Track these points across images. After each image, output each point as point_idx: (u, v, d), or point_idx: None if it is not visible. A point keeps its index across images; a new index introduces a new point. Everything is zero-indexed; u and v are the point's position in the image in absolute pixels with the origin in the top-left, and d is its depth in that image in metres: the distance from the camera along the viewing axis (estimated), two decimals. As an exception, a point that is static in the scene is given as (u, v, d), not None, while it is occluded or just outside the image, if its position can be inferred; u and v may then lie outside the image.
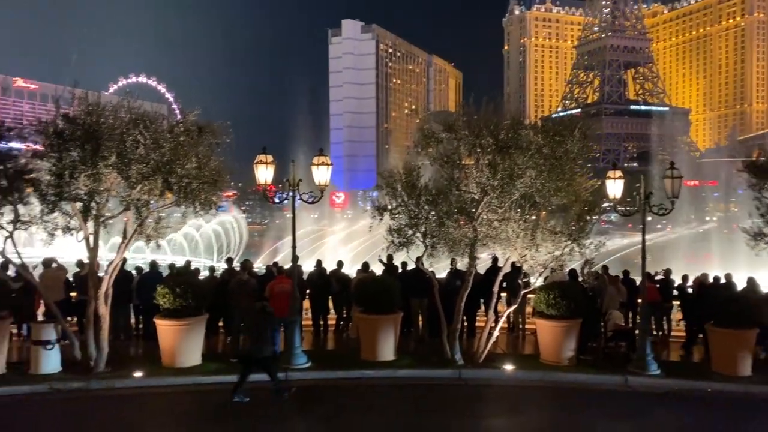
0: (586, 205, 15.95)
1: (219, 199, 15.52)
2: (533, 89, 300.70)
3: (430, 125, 16.56)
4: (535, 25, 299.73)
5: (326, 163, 16.29)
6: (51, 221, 14.46)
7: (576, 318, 16.54)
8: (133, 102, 14.57)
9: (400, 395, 14.62)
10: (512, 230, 15.24)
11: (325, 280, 19.75)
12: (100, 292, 14.99)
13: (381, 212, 16.58)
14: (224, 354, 16.97)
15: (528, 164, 14.74)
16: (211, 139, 14.90)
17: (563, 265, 16.40)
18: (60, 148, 13.84)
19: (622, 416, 13.46)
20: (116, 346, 16.99)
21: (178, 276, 17.69)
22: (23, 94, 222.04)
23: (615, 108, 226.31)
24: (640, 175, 16.67)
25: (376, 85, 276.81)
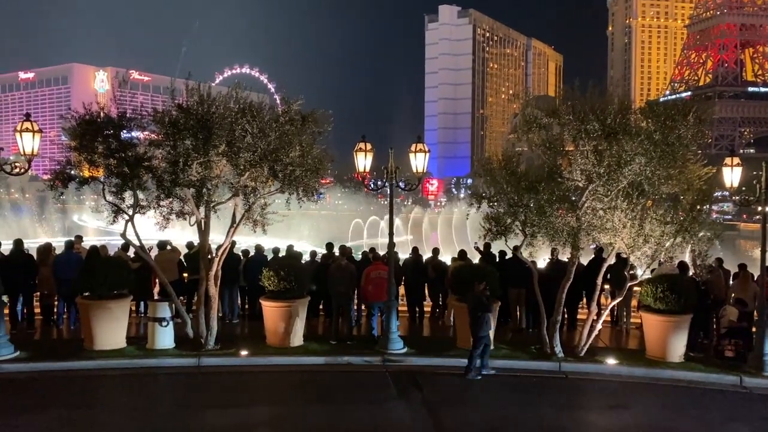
0: (699, 194, 15.07)
1: (320, 186, 15.91)
2: (639, 72, 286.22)
3: (531, 110, 16.14)
4: (642, 4, 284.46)
5: (424, 151, 16.31)
6: (167, 206, 15.37)
7: (686, 313, 15.71)
8: (241, 92, 15.14)
9: (498, 385, 14.48)
10: (618, 219, 14.66)
11: (421, 267, 19.83)
12: (211, 274, 15.80)
13: (479, 200, 16.42)
14: (324, 336, 17.47)
15: (637, 151, 14.07)
16: (314, 128, 15.26)
17: (673, 257, 15.61)
18: (175, 137, 14.60)
19: (734, 418, 12.68)
20: (225, 325, 17.93)
21: (282, 259, 18.34)
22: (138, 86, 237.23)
23: (731, 90, 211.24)
24: (760, 162, 15.47)
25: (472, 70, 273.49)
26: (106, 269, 15.98)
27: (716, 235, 15.39)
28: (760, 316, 15.56)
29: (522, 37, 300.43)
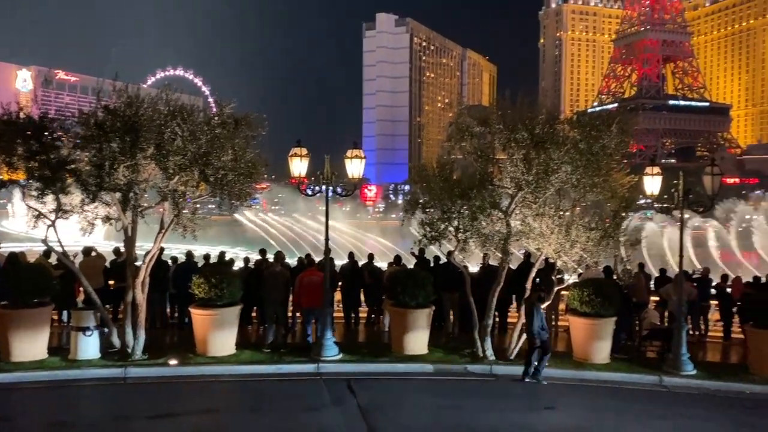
0: (623, 202, 15.71)
1: (253, 191, 15.69)
2: (569, 83, 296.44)
3: (464, 119, 16.47)
4: (572, 18, 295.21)
5: (360, 156, 16.34)
6: (91, 211, 14.82)
7: (610, 316, 16.32)
8: (171, 94, 14.78)
9: (431, 389, 14.62)
10: (546, 226, 15.10)
11: (357, 272, 19.85)
12: (138, 281, 15.31)
13: (413, 206, 16.60)
14: (257, 344, 17.20)
15: (564, 159, 14.57)
16: (247, 132, 15.06)
17: (598, 261, 16.20)
18: (100, 140, 14.12)
19: (654, 416, 13.23)
20: (153, 334, 17.38)
21: (213, 266, 17.97)
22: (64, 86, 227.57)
23: (653, 103, 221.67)
24: (679, 172, 16.32)
25: (409, 78, 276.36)
26: (25, 277, 15.23)
27: (638, 240, 16.08)
28: (677, 319, 16.32)
29: (458, 48, 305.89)
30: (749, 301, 17.27)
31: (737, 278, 19.86)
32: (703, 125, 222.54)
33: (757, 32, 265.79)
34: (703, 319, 19.85)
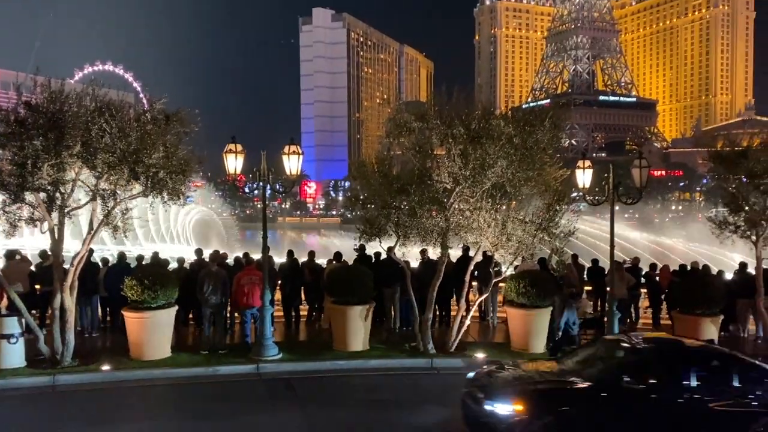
0: (556, 195, 16.10)
1: (187, 189, 15.24)
2: (504, 80, 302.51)
3: (402, 115, 16.50)
4: (506, 16, 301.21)
5: (297, 153, 16.12)
6: (13, 212, 14.07)
7: (546, 306, 16.73)
8: (99, 90, 14.19)
9: (372, 385, 14.62)
10: (483, 219, 15.32)
11: (297, 270, 19.64)
12: (66, 284, 14.66)
13: (354, 202, 16.55)
14: (194, 346, 16.79)
15: (499, 154, 14.79)
16: (179, 128, 14.60)
17: (533, 254, 16.57)
18: (22, 137, 13.43)
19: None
20: (83, 340, 16.72)
21: (147, 267, 17.42)
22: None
23: (584, 99, 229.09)
24: (609, 165, 16.88)
25: (347, 74, 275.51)
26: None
27: (571, 232, 16.51)
28: (609, 307, 16.89)
29: (395, 43, 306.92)
30: (676, 289, 18.06)
31: (665, 267, 20.71)
32: (632, 120, 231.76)
33: (679, 30, 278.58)
34: (634, 307, 20.62)
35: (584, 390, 10.17)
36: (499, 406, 10.00)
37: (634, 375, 10.05)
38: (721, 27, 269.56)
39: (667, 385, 10.01)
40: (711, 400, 9.93)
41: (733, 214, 17.55)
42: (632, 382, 9.93)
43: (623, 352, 11.17)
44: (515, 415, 9.85)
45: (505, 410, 9.91)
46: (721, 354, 10.93)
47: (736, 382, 10.16)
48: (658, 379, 10.06)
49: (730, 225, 17.44)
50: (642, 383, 9.93)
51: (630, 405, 9.89)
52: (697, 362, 10.45)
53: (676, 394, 9.94)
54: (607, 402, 9.97)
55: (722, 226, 17.49)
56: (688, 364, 10.35)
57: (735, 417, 9.96)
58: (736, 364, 10.55)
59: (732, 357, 10.83)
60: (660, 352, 11.01)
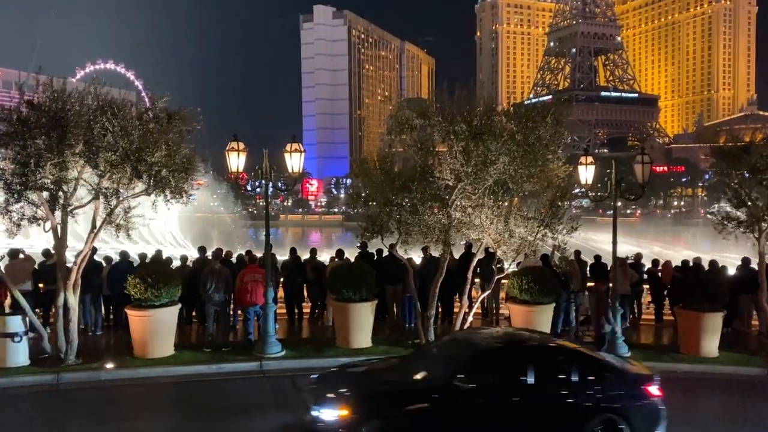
0: (558, 191, 16.09)
1: (190, 187, 15.25)
2: (505, 76, 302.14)
3: (403, 112, 16.49)
4: (507, 12, 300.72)
5: (299, 150, 16.13)
6: (17, 211, 14.10)
7: (549, 303, 16.72)
8: (101, 88, 14.21)
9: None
10: (486, 216, 15.31)
11: (300, 267, 19.66)
12: (69, 283, 14.70)
13: (356, 199, 16.56)
14: (197, 344, 16.82)
15: (501, 150, 14.77)
16: (181, 126, 14.61)
17: (536, 250, 16.56)
18: (24, 136, 13.46)
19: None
20: (87, 338, 16.76)
21: (149, 265, 17.44)
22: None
23: (586, 95, 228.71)
24: (611, 161, 16.86)
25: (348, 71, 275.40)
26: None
27: (574, 228, 16.50)
28: (612, 303, 16.86)
29: (396, 40, 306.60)
30: (678, 284, 18.05)
31: (667, 262, 20.68)
32: (634, 116, 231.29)
33: (681, 25, 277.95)
34: (636, 303, 20.60)
35: (415, 391, 9.88)
36: (325, 411, 9.66)
37: (468, 374, 9.68)
38: (723, 22, 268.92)
39: (501, 384, 9.81)
40: (548, 397, 9.79)
41: (736, 210, 17.51)
42: (465, 381, 9.58)
43: (463, 349, 10.74)
44: (340, 421, 9.52)
45: (331, 415, 9.58)
46: (563, 350, 10.77)
47: (576, 378, 9.99)
48: (491, 377, 9.79)
49: (732, 220, 17.40)
50: (474, 382, 9.60)
51: (461, 405, 9.58)
52: (534, 359, 10.16)
53: (510, 392, 9.77)
54: (437, 403, 9.64)
55: (725, 222, 17.45)
56: (525, 360, 10.07)
57: (573, 413, 9.85)
58: (577, 359, 10.38)
59: (574, 352, 10.69)
60: (495, 349, 10.63)
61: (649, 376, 10.54)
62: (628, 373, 10.62)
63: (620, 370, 10.61)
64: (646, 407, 10.16)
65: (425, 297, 16.68)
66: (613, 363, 10.82)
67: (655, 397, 10.25)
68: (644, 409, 10.13)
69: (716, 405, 13.67)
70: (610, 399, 9.95)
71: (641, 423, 9.97)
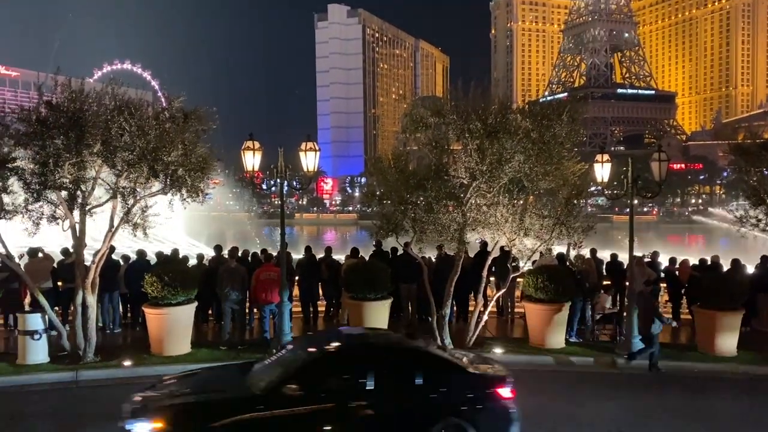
0: (574, 189, 16.00)
1: (206, 186, 15.38)
2: (520, 74, 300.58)
3: (418, 110, 16.48)
4: (522, 9, 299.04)
5: (314, 149, 16.19)
6: (36, 210, 14.29)
7: (564, 301, 16.64)
8: (118, 89, 14.37)
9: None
10: (501, 215, 15.27)
11: (315, 266, 19.72)
12: (87, 281, 14.88)
13: (370, 198, 16.57)
14: (213, 342, 16.94)
15: (516, 149, 14.72)
16: (197, 126, 14.73)
17: (551, 248, 16.48)
18: (43, 136, 13.64)
19: (608, 397, 13.57)
20: (105, 336, 16.95)
21: (166, 264, 17.59)
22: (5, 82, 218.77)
23: (601, 92, 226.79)
24: (628, 159, 16.72)
25: (363, 70, 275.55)
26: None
27: (590, 226, 16.40)
28: (629, 302, 16.76)
29: (410, 39, 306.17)
30: (696, 283, 17.86)
31: (684, 261, 20.47)
32: (650, 113, 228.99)
33: (699, 21, 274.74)
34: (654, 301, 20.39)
35: (239, 400, 9.19)
36: (138, 425, 8.98)
37: (299, 380, 9.10)
38: (741, 17, 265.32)
39: (337, 390, 9.23)
40: (388, 401, 9.25)
41: (755, 207, 17.28)
42: (295, 389, 9.00)
43: (297, 354, 10.07)
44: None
45: (144, 429, 8.92)
46: (407, 351, 10.16)
47: (420, 381, 9.48)
48: (326, 383, 9.21)
49: (751, 218, 17.18)
50: (305, 389, 9.02)
51: (289, 414, 8.93)
52: (374, 362, 9.57)
53: (347, 398, 9.17)
54: (263, 412, 8.93)
55: (743, 220, 17.23)
56: (363, 364, 9.52)
57: (415, 418, 9.35)
58: (421, 362, 9.85)
59: (419, 354, 10.09)
60: (330, 353, 9.94)
61: (501, 377, 10.01)
62: (478, 375, 10.01)
63: (469, 371, 10.00)
64: (494, 410, 9.65)
65: (440, 295, 16.67)
66: (461, 364, 10.17)
67: (505, 399, 9.73)
68: (493, 412, 9.63)
69: (734, 404, 13.51)
70: (456, 402, 9.49)
71: (488, 427, 9.52)
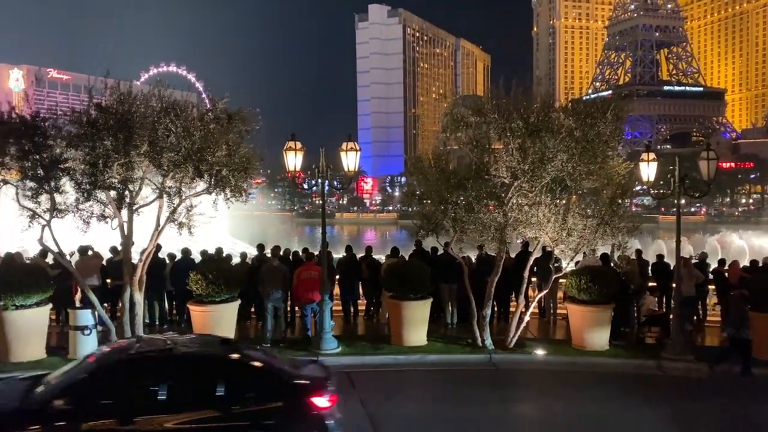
0: (619, 189, 15.69)
1: (249, 186, 15.62)
2: (563, 71, 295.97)
3: (459, 109, 16.41)
4: (565, 6, 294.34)
5: (355, 149, 16.29)
6: (86, 209, 14.74)
7: (608, 303, 16.33)
8: (164, 91, 14.72)
9: (431, 380, 14.64)
10: (543, 214, 15.08)
11: (355, 265, 19.82)
12: (135, 279, 15.26)
13: (410, 198, 16.59)
14: (256, 339, 17.18)
15: (559, 147, 14.53)
16: (241, 127, 14.98)
17: (595, 249, 16.20)
18: (93, 138, 14.06)
19: (654, 402, 13.27)
20: (151, 332, 17.35)
21: (210, 262, 17.92)
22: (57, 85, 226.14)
23: (647, 89, 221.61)
24: (674, 158, 16.30)
25: (403, 70, 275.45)
26: (22, 277, 15.18)
27: (635, 227, 16.07)
28: (675, 305, 16.35)
29: (451, 38, 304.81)
30: (747, 286, 17.29)
31: (734, 262, 19.84)
32: (698, 110, 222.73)
33: (750, 16, 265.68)
34: (702, 304, 19.87)
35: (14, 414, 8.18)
36: None
37: (69, 394, 8.16)
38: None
39: (116, 403, 8.20)
40: (181, 414, 8.21)
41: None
42: (62, 404, 8.05)
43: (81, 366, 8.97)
44: None
45: None
46: (208, 359, 9.14)
47: (222, 391, 8.44)
48: (101, 397, 8.19)
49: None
50: (73, 404, 8.06)
51: None
52: (163, 372, 8.55)
53: (130, 413, 8.15)
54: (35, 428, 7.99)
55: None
56: (150, 374, 8.52)
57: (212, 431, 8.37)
58: (225, 369, 8.87)
59: (223, 361, 9.10)
60: (107, 364, 8.83)
61: (317, 385, 9.05)
62: (291, 384, 9.02)
63: (282, 379, 9.04)
64: (306, 421, 8.69)
65: (481, 296, 16.56)
66: (276, 372, 9.16)
67: (321, 409, 8.75)
68: (303, 424, 8.69)
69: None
70: (261, 414, 8.49)
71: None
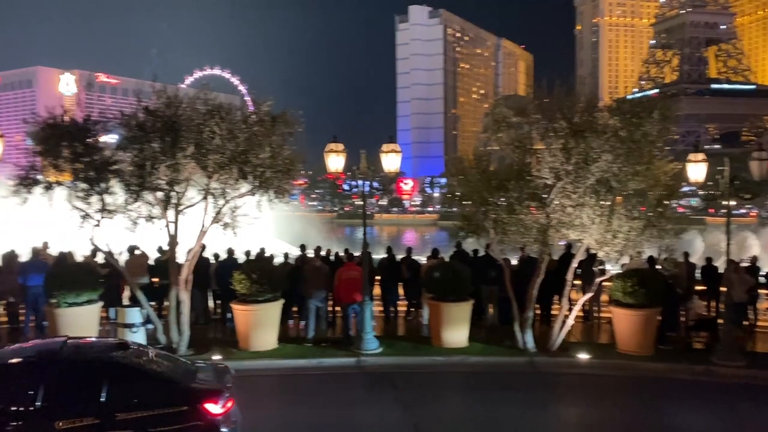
0: (666, 190, 15.34)
1: (291, 187, 15.82)
2: (607, 70, 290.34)
3: (500, 109, 16.30)
4: (609, 3, 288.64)
5: (395, 151, 16.35)
6: (134, 210, 15.15)
7: (655, 307, 15.97)
8: (209, 94, 15.02)
9: (473, 382, 14.57)
10: (587, 216, 14.84)
11: (395, 266, 19.86)
12: (181, 278, 15.61)
13: (451, 199, 16.54)
14: (298, 339, 17.38)
15: (604, 148, 14.28)
16: (284, 129, 15.17)
17: (641, 251, 15.86)
18: (142, 140, 14.44)
19: (702, 407, 12.94)
20: (196, 330, 17.70)
21: (254, 262, 18.19)
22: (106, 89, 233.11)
23: (695, 88, 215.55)
24: (724, 158, 15.85)
25: (443, 70, 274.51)
26: (74, 276, 15.70)
27: (682, 229, 15.69)
28: (726, 309, 15.89)
29: (492, 37, 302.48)
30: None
31: (787, 266, 19.22)
32: (749, 109, 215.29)
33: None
34: (752, 308, 19.26)
35: None
36: None
37: None
38: None
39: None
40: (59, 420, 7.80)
41: None
42: None
43: None
44: None
45: None
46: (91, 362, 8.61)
47: (104, 396, 8.02)
48: None
49: None
50: None
51: None
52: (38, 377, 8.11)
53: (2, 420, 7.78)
54: None
55: None
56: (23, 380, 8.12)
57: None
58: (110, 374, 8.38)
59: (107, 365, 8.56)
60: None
61: (212, 390, 8.71)
62: (183, 388, 8.64)
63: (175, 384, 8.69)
64: (198, 429, 8.31)
65: (522, 298, 16.39)
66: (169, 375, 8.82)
67: (213, 415, 8.39)
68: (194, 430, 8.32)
69: None
70: (149, 420, 8.11)
71: None
